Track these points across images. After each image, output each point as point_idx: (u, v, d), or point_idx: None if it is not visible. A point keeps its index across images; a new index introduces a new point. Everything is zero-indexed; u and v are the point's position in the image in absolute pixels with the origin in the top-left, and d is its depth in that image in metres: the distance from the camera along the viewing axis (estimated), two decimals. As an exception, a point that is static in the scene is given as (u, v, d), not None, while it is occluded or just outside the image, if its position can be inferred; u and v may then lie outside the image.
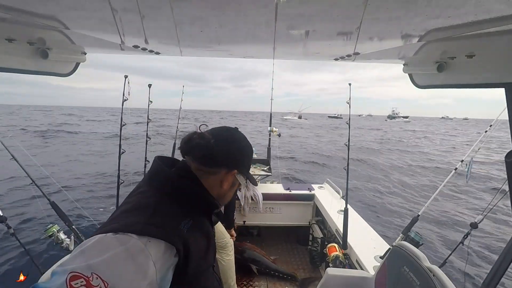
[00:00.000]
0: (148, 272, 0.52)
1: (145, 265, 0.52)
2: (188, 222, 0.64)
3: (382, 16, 0.92)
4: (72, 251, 0.52)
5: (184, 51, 1.53)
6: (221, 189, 0.77)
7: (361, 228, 2.47)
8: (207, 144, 0.71)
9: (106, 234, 0.53)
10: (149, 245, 0.53)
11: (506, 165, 1.04)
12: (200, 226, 0.70)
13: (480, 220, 1.89)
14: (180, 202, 0.67)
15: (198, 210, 0.72)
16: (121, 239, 0.52)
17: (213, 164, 0.74)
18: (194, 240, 0.64)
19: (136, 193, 0.68)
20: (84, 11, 0.92)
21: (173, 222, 0.62)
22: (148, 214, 0.59)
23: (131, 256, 0.51)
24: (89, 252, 0.50)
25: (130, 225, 0.55)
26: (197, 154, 0.73)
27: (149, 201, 0.64)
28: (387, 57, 1.59)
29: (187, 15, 0.97)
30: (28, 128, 23.78)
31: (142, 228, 0.55)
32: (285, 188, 3.22)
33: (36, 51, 1.10)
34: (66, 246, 1.96)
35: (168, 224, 0.60)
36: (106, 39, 1.29)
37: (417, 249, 1.32)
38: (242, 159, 0.80)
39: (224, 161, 0.75)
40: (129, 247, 0.51)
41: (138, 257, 0.52)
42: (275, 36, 1.19)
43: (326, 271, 1.65)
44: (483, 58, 1.02)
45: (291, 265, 2.90)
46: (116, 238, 0.52)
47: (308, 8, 0.87)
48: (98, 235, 0.53)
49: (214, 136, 0.73)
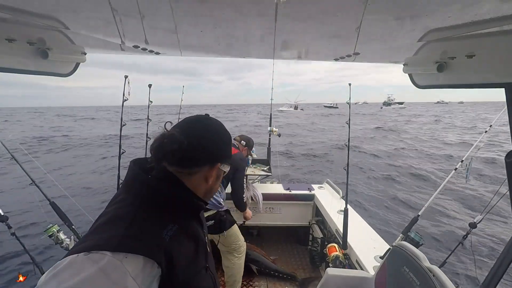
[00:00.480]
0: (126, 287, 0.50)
1: (122, 282, 0.49)
2: (171, 228, 0.61)
3: (382, 16, 0.92)
4: (45, 274, 0.50)
5: (184, 51, 1.53)
6: (207, 184, 0.73)
7: (361, 228, 2.47)
8: (180, 147, 0.64)
9: (78, 255, 0.50)
10: (125, 261, 0.51)
11: (506, 165, 1.04)
12: (186, 229, 0.67)
13: (479, 220, 1.89)
14: (161, 208, 0.63)
15: (183, 213, 0.68)
16: (93, 258, 0.49)
17: (193, 165, 0.69)
18: (179, 247, 0.61)
19: (114, 202, 0.64)
20: (84, 11, 0.92)
21: (152, 232, 0.58)
22: (124, 226, 0.56)
23: (106, 276, 0.48)
24: (61, 275, 0.47)
25: (105, 242, 0.52)
26: (172, 160, 0.66)
27: (126, 211, 0.59)
28: (387, 57, 1.59)
29: (187, 15, 0.97)
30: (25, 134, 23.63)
31: (118, 244, 0.52)
32: (285, 188, 3.22)
33: (36, 51, 1.10)
34: (66, 246, 1.96)
35: (146, 236, 0.57)
36: (106, 39, 1.29)
37: (417, 249, 1.32)
38: (222, 150, 0.75)
39: (204, 159, 0.70)
40: (102, 266, 0.49)
41: (113, 275, 0.49)
42: (275, 36, 1.19)
43: (326, 271, 1.65)
44: (483, 58, 1.02)
45: (291, 265, 2.90)
46: (88, 258, 0.49)
47: (308, 8, 0.87)
48: (69, 256, 0.50)
49: (186, 135, 0.67)
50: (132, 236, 0.55)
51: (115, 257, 0.50)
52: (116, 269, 0.49)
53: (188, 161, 0.68)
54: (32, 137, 19.87)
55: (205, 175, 0.72)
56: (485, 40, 0.98)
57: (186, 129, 0.70)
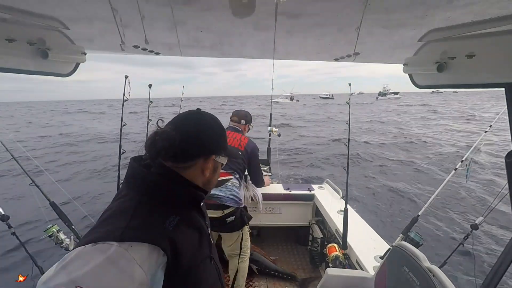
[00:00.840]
0: (135, 276, 0.51)
1: (130, 269, 0.51)
2: (174, 219, 0.63)
3: (382, 16, 0.92)
4: (54, 267, 0.51)
5: (184, 51, 1.53)
6: (204, 177, 0.75)
7: (361, 228, 2.47)
8: (172, 144, 0.66)
9: (85, 246, 0.52)
10: (131, 250, 0.53)
11: (506, 165, 1.04)
12: (188, 220, 0.69)
13: (481, 221, 1.88)
14: (162, 200, 0.65)
15: (184, 205, 0.70)
16: (101, 248, 0.52)
17: (187, 159, 0.71)
18: (182, 236, 0.63)
19: (117, 198, 0.67)
20: (84, 11, 0.92)
21: (155, 222, 0.61)
22: (127, 218, 0.58)
23: (114, 264, 0.50)
24: (70, 266, 0.49)
25: (110, 233, 0.54)
26: (166, 156, 0.68)
27: (129, 205, 0.62)
28: (387, 57, 1.59)
29: (187, 15, 0.97)
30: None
31: (122, 233, 0.54)
32: (285, 188, 3.22)
33: (36, 51, 1.10)
34: (66, 246, 1.96)
35: (149, 225, 0.59)
36: (106, 39, 1.30)
37: (417, 249, 1.31)
38: (215, 142, 0.77)
39: (198, 152, 0.72)
40: (110, 255, 0.51)
41: (120, 263, 0.51)
42: (275, 36, 1.19)
43: (326, 271, 1.65)
44: (483, 58, 1.02)
45: (291, 265, 2.90)
46: (95, 248, 0.52)
47: (307, 8, 0.87)
48: (77, 248, 0.52)
49: (178, 131, 0.69)
50: (135, 227, 0.57)
51: (121, 246, 0.53)
52: (123, 257, 0.52)
53: (181, 156, 0.70)
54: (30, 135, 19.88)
55: (201, 168, 0.74)
56: (485, 40, 0.98)
57: (179, 125, 0.72)
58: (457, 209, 6.42)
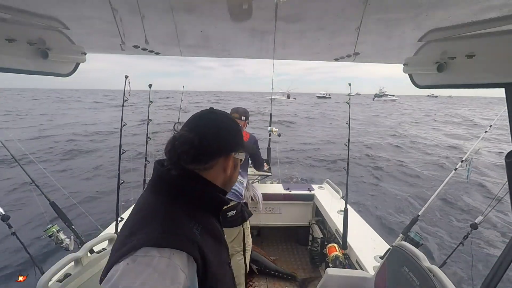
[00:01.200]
0: (181, 281, 0.53)
1: (176, 275, 0.53)
2: (198, 227, 0.64)
3: (382, 16, 0.92)
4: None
5: (184, 51, 1.53)
6: (226, 175, 0.76)
7: (361, 228, 2.47)
8: (192, 147, 0.67)
9: (127, 263, 0.53)
10: (173, 257, 0.54)
11: (506, 165, 1.04)
12: (209, 228, 0.69)
13: (481, 220, 1.88)
14: (188, 205, 0.66)
15: (206, 211, 0.71)
16: (144, 262, 0.53)
17: (208, 160, 0.72)
18: (206, 243, 0.64)
19: (142, 202, 0.68)
20: (84, 11, 0.93)
21: (186, 229, 0.61)
22: (159, 223, 0.59)
23: (162, 273, 0.52)
24: (121, 284, 0.50)
25: (145, 241, 0.55)
26: (187, 159, 0.68)
27: (157, 209, 0.63)
28: (387, 57, 1.59)
29: (187, 15, 0.97)
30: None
31: (161, 241, 0.55)
32: (285, 188, 3.22)
33: (36, 51, 1.10)
34: (66, 246, 1.96)
35: (182, 232, 0.60)
36: (106, 39, 1.30)
37: (417, 249, 1.32)
38: (233, 140, 0.77)
39: (218, 152, 0.73)
40: (155, 266, 0.52)
41: (168, 271, 0.52)
42: (275, 36, 1.19)
43: (326, 271, 1.65)
44: (483, 58, 1.02)
45: (291, 265, 2.90)
46: (138, 263, 0.52)
47: (307, 8, 0.87)
48: (120, 266, 0.53)
49: (195, 133, 0.69)
50: (169, 232, 0.58)
51: (163, 255, 0.54)
52: (168, 266, 0.53)
53: (202, 157, 0.70)
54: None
55: (222, 166, 0.75)
56: (485, 40, 0.98)
57: (193, 127, 0.72)
58: (457, 209, 6.42)
